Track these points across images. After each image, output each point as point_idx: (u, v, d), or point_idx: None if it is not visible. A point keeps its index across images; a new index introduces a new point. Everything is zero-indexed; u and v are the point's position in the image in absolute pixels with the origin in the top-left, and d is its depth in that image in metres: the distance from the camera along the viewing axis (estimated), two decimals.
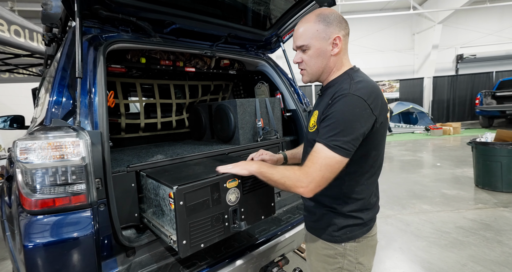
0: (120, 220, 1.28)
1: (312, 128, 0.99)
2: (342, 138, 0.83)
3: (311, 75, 1.01)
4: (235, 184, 1.15)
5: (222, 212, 1.12)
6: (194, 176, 1.13)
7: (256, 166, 1.03)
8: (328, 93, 0.95)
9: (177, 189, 0.98)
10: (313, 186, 0.86)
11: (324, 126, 0.87)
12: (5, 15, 2.95)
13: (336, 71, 0.99)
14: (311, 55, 0.96)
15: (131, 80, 2.15)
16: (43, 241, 0.92)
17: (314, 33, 0.93)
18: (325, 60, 0.96)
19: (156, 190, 1.19)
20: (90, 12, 1.33)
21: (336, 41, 0.93)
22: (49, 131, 0.98)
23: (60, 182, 0.97)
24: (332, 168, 0.85)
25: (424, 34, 12.86)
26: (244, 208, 1.20)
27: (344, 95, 0.85)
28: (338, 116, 0.84)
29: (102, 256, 1.15)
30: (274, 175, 0.94)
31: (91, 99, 1.17)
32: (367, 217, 1.00)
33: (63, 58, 1.21)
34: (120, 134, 2.21)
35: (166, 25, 1.62)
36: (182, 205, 0.99)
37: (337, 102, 0.85)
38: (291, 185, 0.89)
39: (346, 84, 0.89)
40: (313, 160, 0.86)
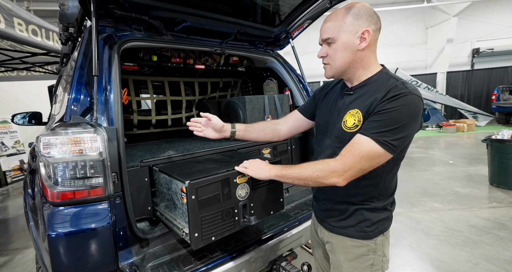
0: (135, 213, 1.33)
1: (352, 128, 0.92)
2: (394, 136, 0.82)
3: (335, 69, 0.96)
4: (244, 180, 1.18)
5: (232, 206, 1.15)
6: (205, 171, 1.16)
7: (277, 169, 1.00)
8: (367, 92, 0.91)
9: (189, 183, 1.02)
10: (349, 174, 0.85)
11: (374, 120, 0.84)
12: (23, 15, 3.05)
13: (364, 68, 0.94)
14: (336, 48, 0.92)
15: (143, 77, 2.20)
16: (65, 231, 0.98)
17: (341, 25, 0.89)
18: (351, 54, 0.91)
19: (169, 184, 1.22)
20: (105, 12, 1.37)
21: (364, 35, 0.88)
22: (69, 127, 1.03)
23: (79, 176, 1.02)
24: (373, 162, 0.84)
25: (438, 27, 12.46)
26: (254, 203, 1.22)
27: (405, 93, 0.83)
28: (397, 113, 0.81)
29: (118, 246, 1.21)
30: (303, 173, 0.91)
31: (107, 97, 1.22)
32: (392, 210, 1.03)
33: (80, 57, 1.26)
34: (133, 130, 2.27)
35: (177, 23, 1.65)
36: (194, 199, 1.03)
37: (397, 99, 0.82)
38: (324, 177, 0.87)
39: (396, 82, 0.87)
40: (354, 151, 0.84)
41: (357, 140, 0.85)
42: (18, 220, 3.70)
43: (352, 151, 0.85)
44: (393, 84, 0.87)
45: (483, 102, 12.18)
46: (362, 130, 0.86)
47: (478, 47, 12.47)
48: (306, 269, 1.37)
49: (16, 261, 2.59)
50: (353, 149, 0.85)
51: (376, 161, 0.85)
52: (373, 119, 0.85)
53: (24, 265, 2.53)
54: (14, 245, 2.94)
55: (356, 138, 0.86)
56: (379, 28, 0.92)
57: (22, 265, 2.52)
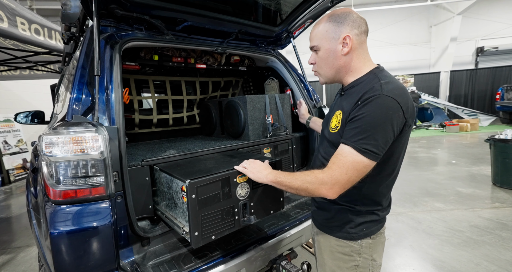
0: (136, 211, 1.34)
1: (334, 128, 0.95)
2: (372, 142, 0.80)
3: (324, 76, 1.01)
4: (245, 179, 1.19)
5: (232, 206, 1.16)
6: (206, 171, 1.17)
7: (272, 176, 1.02)
8: (353, 93, 0.92)
9: (190, 183, 1.03)
10: (338, 188, 0.85)
11: (352, 127, 0.84)
12: (26, 15, 3.07)
13: (354, 71, 0.96)
14: (321, 56, 0.97)
15: (144, 77, 2.21)
16: (66, 229, 0.99)
17: (323, 33, 0.94)
18: (336, 60, 0.94)
19: (169, 183, 1.23)
20: (107, 12, 1.38)
21: (346, 41, 0.91)
22: (71, 126, 1.04)
23: (81, 175, 1.03)
24: (359, 172, 0.83)
25: (442, 26, 12.37)
26: (254, 203, 1.23)
27: (377, 96, 0.81)
28: (370, 118, 0.81)
29: (119, 245, 1.22)
30: (294, 183, 0.93)
31: (108, 96, 1.23)
32: (383, 214, 1.01)
33: (82, 56, 1.27)
34: (134, 129, 2.28)
35: (178, 22, 1.65)
36: (194, 198, 1.04)
37: (368, 103, 0.82)
38: (314, 189, 0.87)
39: (376, 84, 0.85)
40: (339, 163, 0.84)
41: (340, 151, 0.86)
42: (21, 219, 3.74)
43: (337, 163, 0.85)
44: (371, 86, 0.86)
45: (487, 101, 12.09)
46: (344, 139, 0.87)
47: (483, 46, 12.36)
48: (305, 268, 1.38)
49: (19, 259, 2.62)
50: (337, 161, 0.85)
51: (362, 171, 0.83)
52: (351, 127, 0.85)
53: (27, 263, 2.56)
54: (17, 243, 2.97)
55: (339, 149, 0.87)
56: (365, 31, 0.94)
57: (25, 263, 2.55)
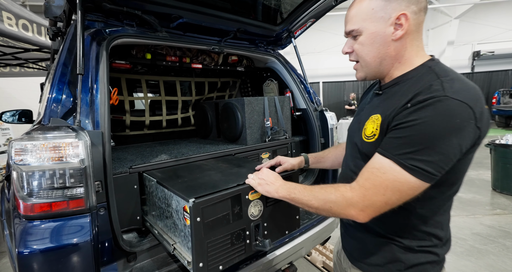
0: (122, 223, 1.23)
1: (370, 137, 0.74)
2: (425, 158, 0.60)
3: (366, 69, 0.78)
4: (258, 196, 1.01)
5: (243, 228, 0.98)
6: (212, 186, 0.99)
7: (284, 190, 0.85)
8: (397, 92, 0.72)
9: (194, 203, 0.85)
10: (371, 211, 0.67)
11: (396, 136, 0.64)
12: (13, 9, 2.93)
13: (403, 62, 0.74)
14: (363, 42, 0.74)
15: (137, 76, 2.09)
16: (38, 248, 0.88)
17: (368, 12, 0.71)
18: (383, 47, 0.72)
19: (168, 200, 1.04)
20: (94, 5, 1.27)
21: (400, 20, 0.69)
22: (47, 131, 0.92)
23: (57, 186, 0.91)
24: (402, 194, 0.64)
25: (439, 30, 12.41)
26: (267, 223, 1.05)
27: (438, 98, 0.60)
28: (426, 127, 0.60)
29: (102, 261, 1.10)
30: (313, 202, 0.76)
31: (93, 97, 1.11)
32: (443, 253, 0.77)
33: (64, 53, 1.16)
34: (125, 131, 2.16)
35: (172, 19, 1.54)
36: (199, 222, 0.86)
37: (425, 107, 0.61)
38: (340, 211, 0.71)
39: (435, 82, 0.64)
40: (375, 180, 0.65)
41: (376, 164, 0.67)
42: None
43: (372, 179, 0.66)
44: (427, 84, 0.64)
45: None
46: (382, 148, 0.67)
47: (479, 50, 12.45)
48: None
49: (0, 266, 2.48)
50: (373, 177, 0.66)
51: (407, 193, 0.64)
52: (395, 135, 0.65)
53: (9, 269, 2.41)
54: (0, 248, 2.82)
55: (374, 161, 0.68)
56: (424, 8, 0.70)
57: (6, 270, 2.41)
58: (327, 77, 12.95)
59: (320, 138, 1.99)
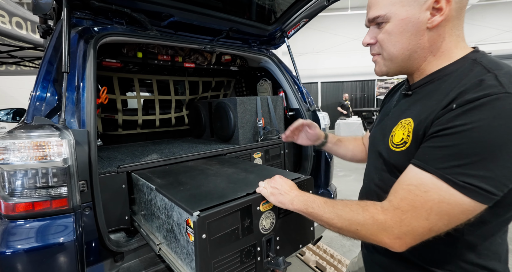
0: (110, 223, 1.22)
1: (399, 145, 0.62)
2: (483, 172, 0.47)
3: (389, 62, 0.65)
4: (270, 206, 0.89)
5: (253, 243, 0.86)
6: (219, 195, 0.88)
7: (300, 202, 0.73)
8: (433, 91, 0.59)
9: (199, 217, 0.73)
10: (410, 239, 0.54)
11: (441, 145, 0.51)
12: (6, 7, 2.91)
13: (436, 56, 0.61)
14: (390, 30, 0.61)
15: (129, 75, 2.08)
16: (20, 248, 0.87)
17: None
18: (415, 37, 0.59)
19: (169, 211, 0.93)
20: (82, 2, 1.25)
21: (439, 4, 0.56)
22: (29, 129, 0.91)
23: (40, 185, 0.90)
24: (452, 219, 0.51)
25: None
26: (280, 236, 0.93)
27: (496, 96, 0.48)
28: (482, 133, 0.47)
29: (88, 261, 1.09)
30: (335, 221, 0.63)
31: (79, 96, 1.10)
32: None
33: (49, 51, 1.15)
34: (117, 130, 2.15)
35: (163, 17, 1.53)
36: (204, 239, 0.74)
37: (479, 107, 0.48)
38: (369, 235, 0.58)
39: (486, 76, 0.51)
40: (414, 201, 0.53)
41: (414, 180, 0.54)
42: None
43: (410, 200, 0.53)
44: (476, 79, 0.52)
45: None
46: (420, 160, 0.54)
47: None
48: None
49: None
50: (411, 196, 0.53)
51: (458, 217, 0.51)
52: (437, 144, 0.52)
53: None
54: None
55: (411, 176, 0.55)
56: None
57: None
58: (326, 77, 12.94)
59: None
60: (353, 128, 8.54)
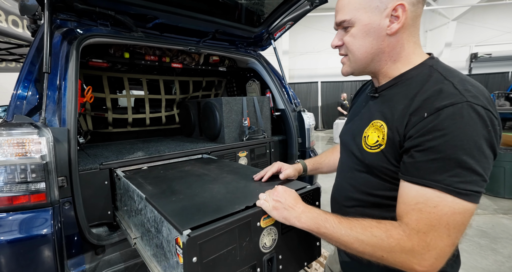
0: (93, 217, 1.27)
1: (374, 147, 0.65)
2: (474, 177, 0.52)
3: (354, 64, 0.70)
4: (271, 221, 0.77)
5: (253, 264, 0.74)
6: (214, 208, 0.77)
7: (310, 220, 0.66)
8: (398, 95, 0.64)
9: (190, 237, 0.61)
10: (440, 262, 0.54)
11: (431, 158, 0.54)
12: (3, 6, 2.96)
13: (396, 60, 0.67)
14: (355, 34, 0.66)
15: (119, 74, 2.13)
16: (1, 239, 0.92)
17: (362, 1, 0.64)
18: (377, 42, 0.65)
19: (159, 224, 0.82)
20: (65, 5, 1.30)
21: (397, 12, 0.61)
22: (9, 127, 0.96)
23: (18, 180, 0.95)
24: (464, 227, 0.53)
25: (437, 31, 12.44)
26: (283, 255, 0.82)
27: (460, 105, 0.53)
28: (461, 141, 0.52)
29: (69, 253, 1.15)
30: (355, 245, 0.59)
31: (60, 95, 1.15)
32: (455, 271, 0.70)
33: (32, 51, 1.19)
34: (108, 128, 2.20)
35: (148, 20, 1.58)
36: (196, 263, 0.62)
37: (448, 118, 0.53)
38: (397, 263, 0.56)
39: (446, 85, 0.57)
40: (430, 220, 0.53)
41: (420, 197, 0.55)
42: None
43: (425, 219, 0.53)
44: (436, 86, 0.57)
45: None
46: (417, 176, 0.55)
47: (477, 52, 12.46)
48: None
49: None
50: (425, 216, 0.53)
51: (466, 224, 0.54)
52: (427, 157, 0.54)
53: None
54: None
55: (415, 195, 0.56)
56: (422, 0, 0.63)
57: None
58: (326, 77, 12.95)
59: (297, 138, 2.03)
60: None
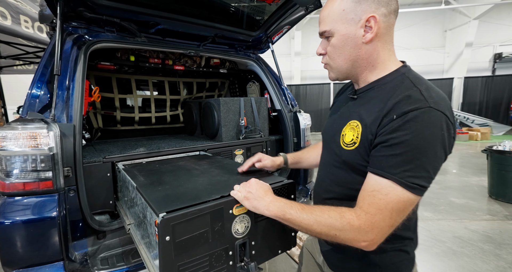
0: (95, 205, 1.41)
1: (350, 145, 0.74)
2: (423, 173, 0.61)
3: (337, 70, 0.78)
4: (244, 210, 0.85)
5: (225, 247, 0.83)
6: (193, 197, 0.86)
7: (277, 208, 0.74)
8: (374, 98, 0.72)
9: (163, 219, 0.70)
10: (379, 238, 0.65)
11: (391, 154, 0.63)
12: (30, 13, 3.23)
13: (374, 66, 0.74)
14: (335, 44, 0.74)
15: (127, 76, 2.29)
16: (13, 219, 1.06)
17: (339, 13, 0.71)
18: (354, 50, 0.72)
19: (145, 210, 0.92)
20: (76, 14, 1.45)
21: (370, 23, 0.68)
22: (23, 122, 1.10)
23: (30, 169, 1.09)
24: (405, 213, 0.64)
25: (457, 30, 11.97)
26: (256, 241, 0.90)
27: (422, 110, 0.61)
28: (418, 141, 0.60)
29: (74, 236, 1.29)
30: (314, 226, 0.68)
31: (69, 95, 1.30)
32: (413, 250, 0.79)
33: (45, 55, 1.35)
34: (116, 126, 2.37)
35: (151, 25, 1.71)
36: (169, 242, 0.71)
37: (412, 120, 0.61)
38: (347, 240, 0.66)
39: (413, 92, 0.65)
40: (379, 204, 0.63)
41: (376, 186, 0.65)
42: None
43: (376, 203, 0.64)
44: (406, 92, 0.65)
45: (503, 110, 11.59)
46: (378, 168, 0.65)
47: (501, 52, 11.87)
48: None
49: None
50: (376, 200, 0.64)
51: (408, 211, 0.64)
52: (389, 153, 0.63)
53: None
54: None
55: (372, 183, 0.66)
56: (395, 10, 0.70)
57: None
58: None
59: (293, 138, 2.09)
60: None
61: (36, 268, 1.10)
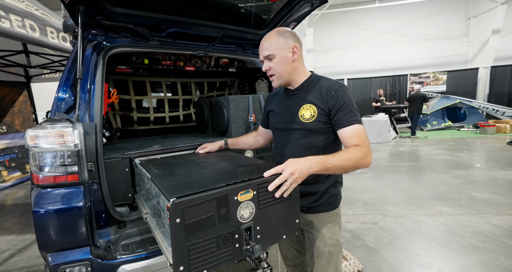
0: (116, 198, 1.53)
1: (310, 118, 1.15)
2: (359, 114, 1.12)
3: (281, 79, 1.19)
4: (248, 197, 0.93)
5: (231, 231, 0.91)
6: (200, 185, 0.94)
7: (319, 164, 0.97)
8: (312, 89, 1.18)
9: (173, 203, 0.80)
10: (371, 153, 1.08)
11: (347, 111, 1.09)
12: (55, 24, 3.49)
13: (300, 74, 1.20)
14: (277, 62, 1.15)
15: (142, 78, 2.43)
16: (46, 209, 1.20)
17: (277, 44, 1.14)
18: (289, 65, 1.16)
19: (158, 198, 1.04)
20: (95, 22, 1.58)
21: (294, 50, 1.15)
22: (52, 122, 1.24)
23: (59, 163, 1.23)
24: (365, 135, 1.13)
25: (482, 17, 11.28)
26: (261, 226, 0.97)
27: (341, 86, 1.13)
28: (350, 101, 1.10)
29: (98, 225, 1.42)
30: (347, 163, 1.01)
31: (90, 97, 1.42)
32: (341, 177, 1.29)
33: (69, 61, 1.48)
34: (133, 126, 2.52)
35: (162, 29, 1.82)
36: (179, 223, 0.80)
37: (342, 93, 1.11)
38: (363, 163, 1.04)
39: (330, 80, 1.17)
40: (362, 137, 1.08)
41: (355, 129, 1.09)
42: None
43: (362, 137, 1.08)
44: (330, 82, 1.17)
45: None
46: (347, 121, 1.10)
47: None
48: None
49: None
50: (360, 135, 1.08)
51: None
52: (345, 111, 1.10)
53: None
54: None
55: (350, 130, 1.09)
56: (301, 45, 1.21)
57: None
58: (353, 74, 12.55)
59: None
60: (378, 126, 7.92)
61: (67, 251, 1.24)
